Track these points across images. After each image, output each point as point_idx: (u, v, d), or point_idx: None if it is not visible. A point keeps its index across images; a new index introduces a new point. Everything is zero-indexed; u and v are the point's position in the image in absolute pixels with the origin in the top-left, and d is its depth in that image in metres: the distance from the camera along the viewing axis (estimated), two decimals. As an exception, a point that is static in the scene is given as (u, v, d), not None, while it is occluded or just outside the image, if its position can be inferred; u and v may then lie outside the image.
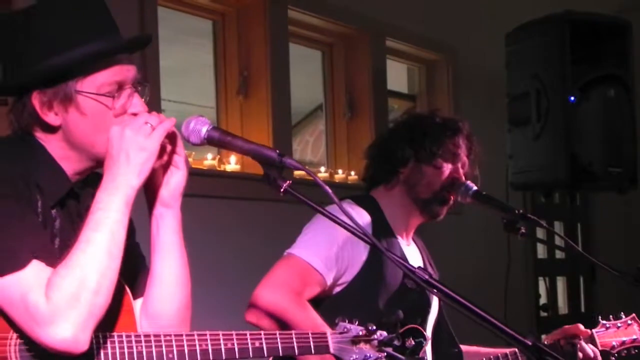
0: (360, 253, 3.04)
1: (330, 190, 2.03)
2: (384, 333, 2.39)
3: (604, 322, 3.31)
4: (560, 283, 7.61)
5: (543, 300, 7.13)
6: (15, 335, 1.97)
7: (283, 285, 2.91)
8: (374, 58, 5.77)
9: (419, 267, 1.97)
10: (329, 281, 3.00)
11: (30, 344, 1.96)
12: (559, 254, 7.50)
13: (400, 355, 2.39)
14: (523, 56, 5.18)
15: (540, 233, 5.97)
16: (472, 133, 3.25)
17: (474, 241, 6.16)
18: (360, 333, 2.38)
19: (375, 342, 2.38)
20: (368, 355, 2.37)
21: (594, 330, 3.27)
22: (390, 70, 6.00)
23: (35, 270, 1.94)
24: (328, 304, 3.02)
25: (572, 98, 4.88)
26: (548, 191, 5.50)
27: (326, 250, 2.98)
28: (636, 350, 3.32)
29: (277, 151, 2.08)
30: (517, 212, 3.15)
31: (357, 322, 2.40)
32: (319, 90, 5.91)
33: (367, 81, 5.73)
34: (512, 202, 3.66)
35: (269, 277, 2.94)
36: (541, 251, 7.43)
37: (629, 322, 3.32)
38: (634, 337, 3.31)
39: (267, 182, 2.08)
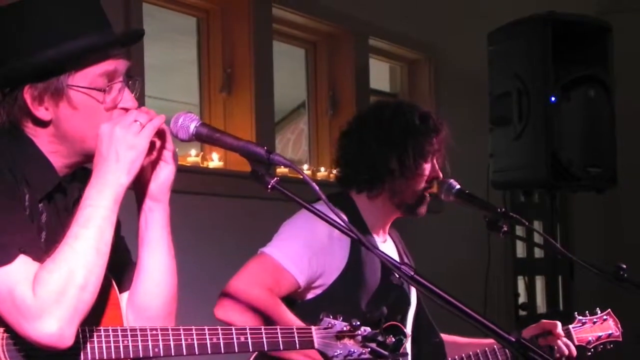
0: (337, 257, 3.03)
1: (316, 187, 2.04)
2: (368, 329, 2.41)
3: (580, 317, 3.35)
4: (539, 282, 7.66)
5: (522, 299, 7.17)
6: (1, 329, 1.97)
7: (255, 281, 2.91)
8: (357, 56, 5.79)
9: (404, 264, 1.98)
10: (302, 282, 2.99)
11: (16, 338, 1.96)
12: (537, 254, 7.54)
13: (383, 351, 2.40)
14: (505, 56, 5.21)
15: (519, 232, 6.01)
16: (442, 122, 3.20)
17: (454, 240, 6.19)
18: (345, 329, 2.40)
19: (359, 338, 2.40)
20: (352, 350, 2.38)
21: (570, 326, 3.32)
22: (372, 68, 6.02)
23: (22, 265, 1.94)
24: (307, 305, 3.01)
25: (553, 98, 4.92)
26: (528, 190, 5.54)
27: (299, 253, 2.98)
28: (612, 345, 3.37)
29: (265, 148, 2.09)
30: (499, 210, 3.17)
31: (341, 318, 2.42)
32: (300, 88, 5.92)
33: (350, 79, 5.75)
34: (492, 201, 3.69)
35: (241, 273, 2.95)
36: (520, 250, 7.47)
37: (605, 317, 3.38)
38: (610, 332, 3.36)
39: (255, 179, 2.09)
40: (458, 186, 3.20)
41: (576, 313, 3.37)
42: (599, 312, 3.38)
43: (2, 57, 2.09)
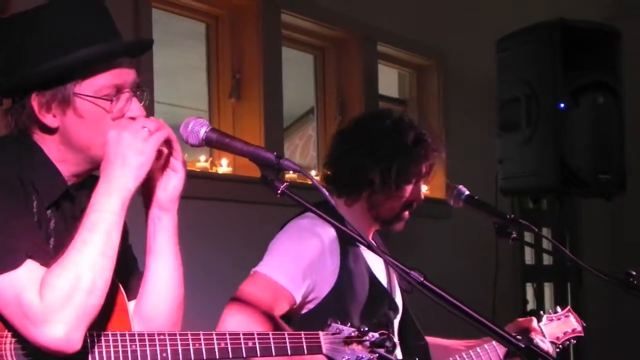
0: (328, 270, 2.99)
1: (326, 192, 2.07)
2: (376, 334, 2.40)
3: (548, 315, 3.44)
4: (548, 289, 7.65)
5: (530, 305, 7.15)
6: (9, 334, 1.98)
7: (252, 305, 2.83)
8: (366, 62, 5.79)
9: (414, 269, 1.98)
10: (298, 298, 2.93)
11: (23, 342, 1.97)
12: (546, 260, 7.54)
13: (392, 357, 2.40)
14: (514, 62, 5.22)
15: (528, 238, 5.99)
16: (438, 141, 3.14)
17: (462, 246, 6.18)
18: (353, 334, 2.38)
19: (367, 343, 2.39)
20: (360, 356, 2.37)
21: (541, 324, 3.39)
22: (381, 74, 6.02)
23: (29, 270, 1.95)
24: (301, 321, 2.96)
25: (562, 104, 4.92)
26: (537, 197, 5.54)
27: (292, 267, 2.93)
28: (574, 340, 3.46)
29: (275, 153, 2.10)
30: (508, 216, 3.17)
31: (349, 324, 2.42)
32: (309, 94, 5.92)
33: (359, 85, 5.75)
34: (500, 207, 3.68)
35: (238, 295, 2.86)
36: (529, 257, 7.46)
37: (567, 314, 3.47)
38: (574, 327, 3.46)
39: (265, 184, 2.09)
40: (467, 192, 3.20)
41: (542, 312, 3.45)
42: (559, 310, 3.46)
43: (11, 65, 2.10)
